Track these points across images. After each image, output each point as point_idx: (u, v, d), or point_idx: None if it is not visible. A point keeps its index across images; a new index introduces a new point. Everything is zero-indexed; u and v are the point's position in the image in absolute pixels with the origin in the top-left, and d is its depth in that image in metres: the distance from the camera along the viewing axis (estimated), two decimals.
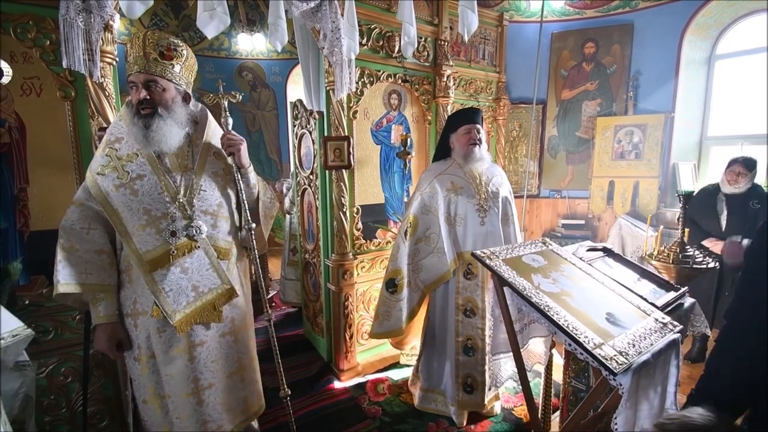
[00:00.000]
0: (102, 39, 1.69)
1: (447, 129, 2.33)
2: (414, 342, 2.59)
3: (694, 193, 2.68)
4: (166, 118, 1.45)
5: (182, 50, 1.49)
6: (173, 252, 1.45)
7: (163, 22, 5.64)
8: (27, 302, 1.73)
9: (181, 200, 1.48)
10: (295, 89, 6.68)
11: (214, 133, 1.65)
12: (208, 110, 1.68)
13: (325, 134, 2.66)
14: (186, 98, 1.56)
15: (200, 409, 1.51)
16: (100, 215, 1.46)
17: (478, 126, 2.23)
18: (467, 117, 2.25)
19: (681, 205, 2.26)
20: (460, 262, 2.22)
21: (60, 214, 1.77)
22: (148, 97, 1.43)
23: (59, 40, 1.60)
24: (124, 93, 1.69)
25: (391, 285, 2.24)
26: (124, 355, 1.55)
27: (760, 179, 2.81)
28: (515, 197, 4.55)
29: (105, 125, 1.73)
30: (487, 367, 2.21)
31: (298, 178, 3.25)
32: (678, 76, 4.21)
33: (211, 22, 1.61)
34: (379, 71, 2.84)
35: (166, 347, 1.48)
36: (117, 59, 1.84)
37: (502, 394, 2.50)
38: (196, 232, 1.48)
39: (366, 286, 2.96)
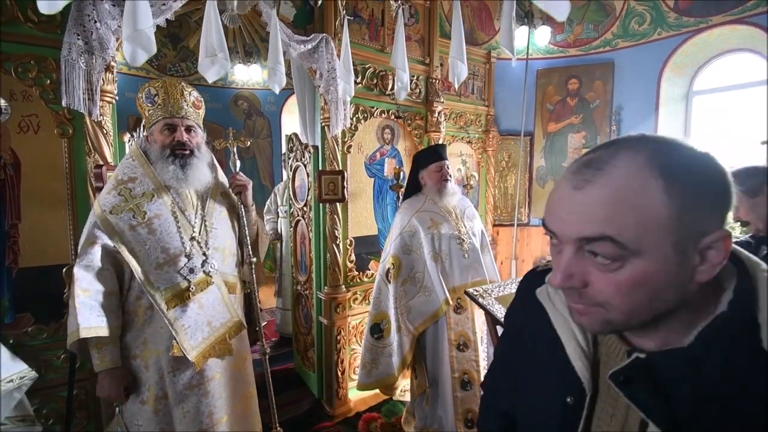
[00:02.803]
0: (103, 79, 1.73)
1: (417, 166, 2.38)
2: (403, 384, 2.54)
3: None
4: (200, 159, 1.57)
5: (202, 102, 1.64)
6: (192, 289, 1.49)
7: (161, 52, 5.76)
8: (11, 341, 1.68)
9: (197, 238, 1.53)
10: (290, 117, 6.79)
11: (220, 173, 1.74)
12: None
13: (320, 168, 2.70)
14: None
15: None
16: (112, 255, 1.45)
17: (447, 162, 2.31)
18: (437, 154, 2.32)
19: None
20: (452, 296, 2.22)
21: (51, 251, 1.77)
22: (188, 141, 1.53)
23: (60, 79, 1.64)
24: (122, 131, 1.72)
25: (376, 330, 2.20)
26: (129, 401, 1.50)
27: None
28: (504, 226, 4.66)
29: (101, 163, 1.75)
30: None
31: (291, 209, 3.27)
32: (658, 111, 4.40)
33: (213, 67, 1.68)
34: (373, 108, 2.93)
35: (180, 385, 1.48)
36: (116, 97, 1.88)
37: None
38: (211, 268, 1.54)
39: (358, 319, 2.93)
